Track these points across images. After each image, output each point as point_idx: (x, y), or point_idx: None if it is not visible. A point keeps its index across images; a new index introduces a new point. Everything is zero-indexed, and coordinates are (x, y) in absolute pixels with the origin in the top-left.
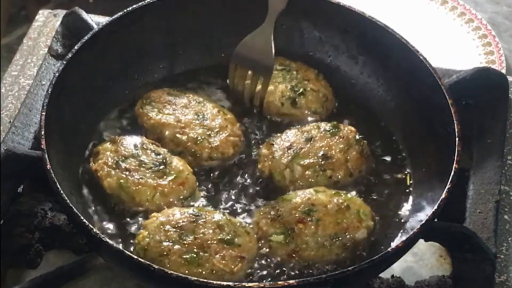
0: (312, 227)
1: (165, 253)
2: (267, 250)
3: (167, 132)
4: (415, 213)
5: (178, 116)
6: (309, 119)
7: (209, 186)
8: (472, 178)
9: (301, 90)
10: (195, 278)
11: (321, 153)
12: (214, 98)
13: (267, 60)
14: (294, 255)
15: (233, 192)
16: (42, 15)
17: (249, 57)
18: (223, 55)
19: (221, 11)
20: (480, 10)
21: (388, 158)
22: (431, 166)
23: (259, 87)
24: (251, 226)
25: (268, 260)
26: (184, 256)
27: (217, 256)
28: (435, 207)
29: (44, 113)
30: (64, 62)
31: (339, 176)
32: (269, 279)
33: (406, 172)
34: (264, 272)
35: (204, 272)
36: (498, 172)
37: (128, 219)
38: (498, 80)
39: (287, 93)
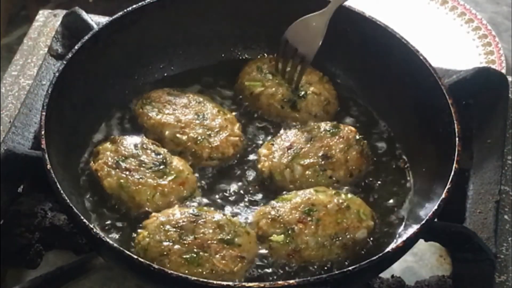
0: (312, 227)
1: (165, 253)
2: (267, 250)
3: (167, 132)
4: (415, 213)
5: (178, 116)
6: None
7: (209, 186)
8: (472, 178)
9: (302, 93)
10: (195, 278)
11: (321, 153)
12: (214, 98)
13: (311, 46)
14: (294, 255)
15: (233, 192)
16: (42, 15)
17: (298, 37)
18: (223, 55)
19: (221, 11)
20: (480, 10)
21: (388, 158)
22: (431, 166)
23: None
24: (251, 226)
25: (268, 260)
26: (184, 256)
27: (217, 256)
28: (435, 207)
29: (44, 113)
30: (64, 62)
31: (339, 176)
32: (269, 279)
33: (406, 172)
34: (264, 272)
35: (204, 272)
36: (498, 172)
37: (128, 219)
38: (498, 80)
39: (287, 96)
